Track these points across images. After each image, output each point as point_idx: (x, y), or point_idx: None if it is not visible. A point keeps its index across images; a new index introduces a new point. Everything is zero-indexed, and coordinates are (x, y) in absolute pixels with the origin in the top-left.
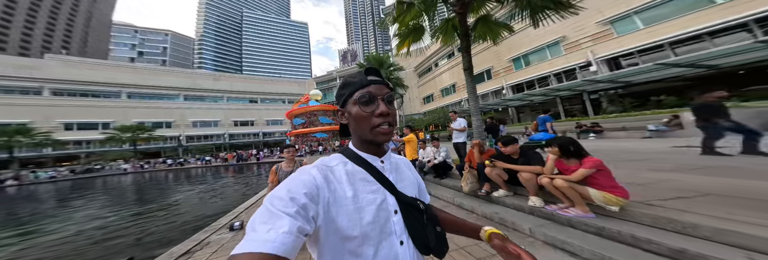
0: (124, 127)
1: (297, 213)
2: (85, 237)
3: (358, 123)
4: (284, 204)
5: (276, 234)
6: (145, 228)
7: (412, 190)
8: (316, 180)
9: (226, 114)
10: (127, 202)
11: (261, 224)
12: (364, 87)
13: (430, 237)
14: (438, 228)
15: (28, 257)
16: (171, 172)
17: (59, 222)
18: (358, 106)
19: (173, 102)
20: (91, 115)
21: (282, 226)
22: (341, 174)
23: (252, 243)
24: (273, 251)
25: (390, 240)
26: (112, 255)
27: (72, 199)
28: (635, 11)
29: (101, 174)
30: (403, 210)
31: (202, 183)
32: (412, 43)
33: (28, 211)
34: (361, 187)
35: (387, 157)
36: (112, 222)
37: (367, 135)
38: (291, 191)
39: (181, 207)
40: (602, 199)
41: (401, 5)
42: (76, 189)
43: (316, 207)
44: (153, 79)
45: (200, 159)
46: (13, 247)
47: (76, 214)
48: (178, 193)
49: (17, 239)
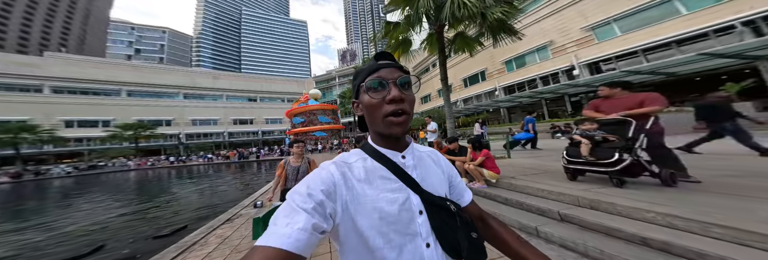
0: (127, 124)
1: (314, 209)
2: (146, 214)
3: (369, 112)
4: (303, 199)
5: (292, 230)
6: (190, 207)
7: (441, 187)
8: (334, 177)
9: (226, 112)
10: (156, 192)
11: (283, 217)
12: (373, 72)
13: (462, 241)
14: (473, 234)
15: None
16: (176, 169)
17: (123, 206)
18: (369, 92)
19: (173, 100)
20: (92, 112)
21: (298, 222)
22: (360, 172)
23: (271, 237)
24: (287, 247)
25: (415, 242)
26: (183, 221)
27: (107, 191)
28: (615, 18)
29: (107, 170)
30: (430, 211)
31: (213, 178)
32: (402, 54)
33: (84, 199)
34: (380, 185)
35: (409, 151)
36: (160, 204)
37: (379, 126)
38: (309, 187)
39: (205, 195)
40: (488, 176)
41: (389, 25)
42: (97, 183)
43: (333, 205)
44: (153, 77)
45: (203, 156)
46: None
47: (126, 200)
48: (195, 185)
49: (89, 219)
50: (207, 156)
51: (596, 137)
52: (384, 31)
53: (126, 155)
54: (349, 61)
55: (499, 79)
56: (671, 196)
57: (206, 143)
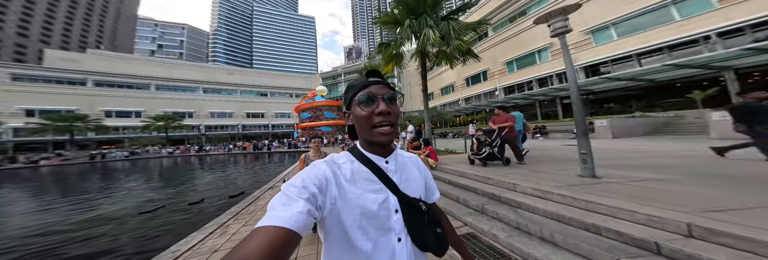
0: (158, 116)
1: (308, 200)
2: (216, 184)
3: (360, 123)
4: (299, 191)
5: (292, 213)
6: (239, 181)
7: (417, 189)
8: (326, 174)
9: (240, 106)
10: (209, 171)
11: (280, 205)
12: (364, 88)
13: (429, 236)
14: (438, 229)
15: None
16: (202, 157)
17: (199, 178)
18: (360, 106)
19: (194, 94)
20: (126, 104)
21: (297, 207)
22: (347, 172)
23: (272, 219)
24: (289, 226)
25: (388, 236)
26: (241, 188)
27: (176, 170)
28: (613, 22)
29: (149, 156)
30: (405, 210)
31: (239, 165)
32: (395, 65)
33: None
34: (364, 186)
35: (393, 157)
36: (219, 178)
37: (368, 135)
38: (304, 181)
39: (244, 174)
40: (432, 163)
41: (381, 45)
42: (157, 166)
43: (323, 199)
44: (177, 72)
45: (224, 146)
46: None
47: (197, 175)
48: (233, 169)
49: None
50: (228, 146)
51: (480, 139)
52: (377, 50)
53: (156, 143)
54: (354, 58)
55: (501, 80)
56: (503, 170)
57: (222, 134)
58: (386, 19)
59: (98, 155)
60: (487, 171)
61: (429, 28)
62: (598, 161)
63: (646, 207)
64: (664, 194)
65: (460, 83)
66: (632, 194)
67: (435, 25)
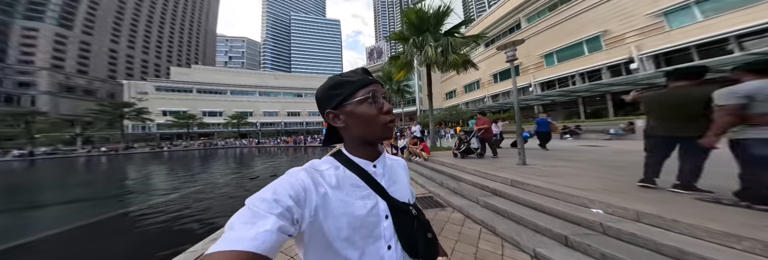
0: (234, 115)
1: (281, 215)
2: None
3: (366, 122)
4: (268, 205)
5: (256, 233)
6: (298, 161)
7: (405, 193)
8: (304, 183)
9: (283, 106)
10: (283, 157)
11: (241, 224)
12: (367, 85)
13: (420, 242)
14: (429, 234)
15: None
16: (265, 149)
17: (275, 158)
18: (366, 104)
19: (252, 97)
20: (214, 106)
21: (264, 225)
22: (331, 179)
23: (229, 241)
24: (253, 249)
25: (377, 244)
26: None
27: (263, 155)
28: (696, 0)
29: (232, 146)
30: (395, 216)
31: (292, 154)
32: (406, 73)
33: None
34: (351, 192)
35: (380, 160)
36: (292, 160)
37: (377, 133)
38: (276, 192)
39: (302, 159)
40: (425, 156)
41: (392, 58)
42: (247, 152)
43: (301, 211)
44: (242, 79)
45: (275, 140)
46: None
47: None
48: (294, 154)
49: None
50: (277, 140)
51: (461, 137)
52: (389, 62)
53: (231, 137)
54: (375, 59)
55: (535, 74)
56: (474, 161)
57: (271, 130)
58: (396, 36)
59: (205, 144)
60: (461, 161)
61: (429, 46)
62: (562, 154)
63: (520, 176)
64: (549, 172)
65: (487, 80)
66: (528, 172)
67: (434, 42)
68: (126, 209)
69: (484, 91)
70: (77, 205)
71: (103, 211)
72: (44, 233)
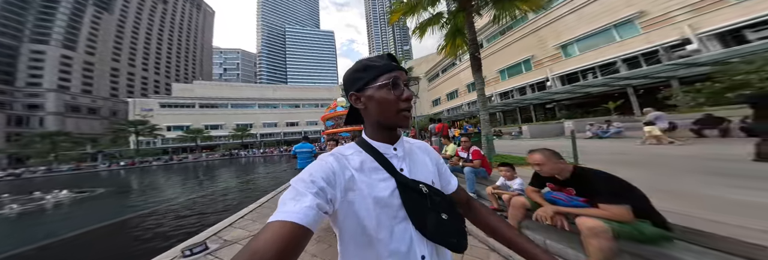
0: (240, 128)
1: (316, 194)
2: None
3: (383, 107)
4: (306, 185)
5: (300, 208)
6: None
7: (428, 175)
8: (333, 167)
9: (281, 117)
10: (273, 164)
11: (289, 200)
12: (390, 71)
13: (430, 222)
14: (444, 215)
15: None
16: (270, 157)
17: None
18: (386, 89)
19: (252, 109)
20: (215, 119)
21: (305, 202)
22: (356, 162)
23: (282, 214)
24: (298, 220)
25: (403, 224)
26: None
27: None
28: (577, 39)
29: (242, 156)
30: (403, 195)
31: (289, 162)
32: (430, 27)
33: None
34: (373, 175)
35: (400, 144)
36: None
37: (392, 119)
38: (312, 175)
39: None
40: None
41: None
42: (260, 161)
43: (333, 191)
44: (242, 92)
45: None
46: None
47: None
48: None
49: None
50: (281, 149)
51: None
52: (394, 7)
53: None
54: None
55: (552, 67)
56: None
57: (272, 140)
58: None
59: (231, 154)
60: None
61: None
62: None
63: None
64: None
65: (492, 77)
66: None
67: None
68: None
69: (491, 88)
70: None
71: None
72: None
